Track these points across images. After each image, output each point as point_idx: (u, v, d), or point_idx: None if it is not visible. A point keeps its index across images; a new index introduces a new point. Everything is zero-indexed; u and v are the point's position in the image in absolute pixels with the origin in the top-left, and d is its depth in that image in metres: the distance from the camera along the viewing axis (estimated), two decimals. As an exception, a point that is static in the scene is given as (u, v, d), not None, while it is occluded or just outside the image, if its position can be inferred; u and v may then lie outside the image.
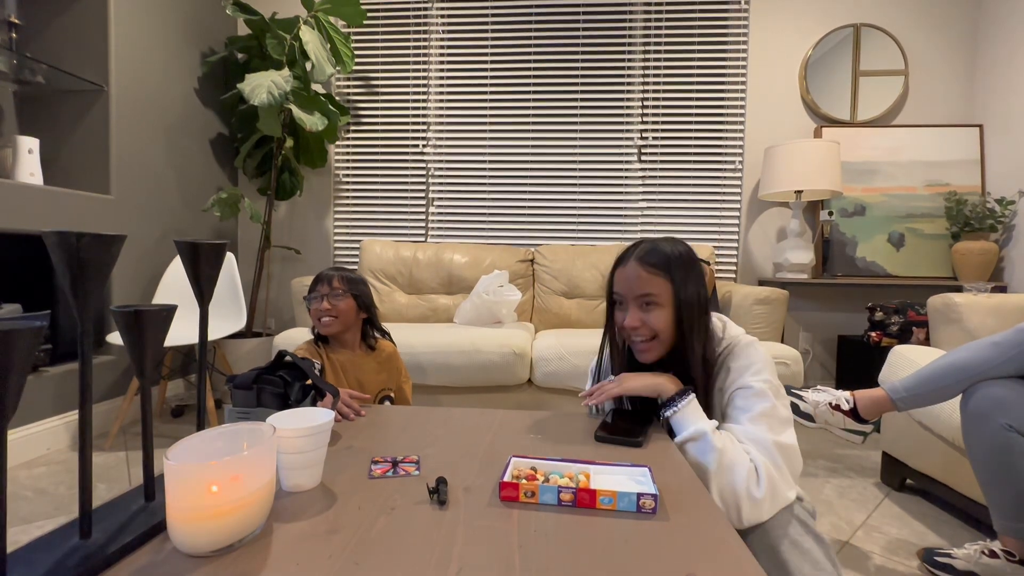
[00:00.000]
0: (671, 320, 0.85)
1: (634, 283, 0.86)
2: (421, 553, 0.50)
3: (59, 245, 0.48)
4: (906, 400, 1.18)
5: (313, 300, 1.29)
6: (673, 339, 0.87)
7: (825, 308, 2.67)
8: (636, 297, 0.86)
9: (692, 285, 0.85)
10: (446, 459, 0.75)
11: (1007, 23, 2.42)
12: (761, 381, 0.80)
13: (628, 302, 0.88)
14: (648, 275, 0.85)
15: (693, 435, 0.77)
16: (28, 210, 1.72)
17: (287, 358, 0.90)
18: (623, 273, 0.89)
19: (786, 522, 0.68)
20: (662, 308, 0.85)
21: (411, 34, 2.82)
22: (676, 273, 0.85)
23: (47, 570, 0.45)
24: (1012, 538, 1.07)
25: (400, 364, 1.42)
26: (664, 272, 0.85)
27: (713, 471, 0.73)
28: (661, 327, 0.85)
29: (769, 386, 0.80)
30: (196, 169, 2.58)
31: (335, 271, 1.31)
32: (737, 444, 0.76)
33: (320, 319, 1.27)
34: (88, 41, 2.03)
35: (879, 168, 2.59)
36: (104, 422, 1.99)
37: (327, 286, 1.28)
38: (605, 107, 2.74)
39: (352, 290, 1.30)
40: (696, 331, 0.85)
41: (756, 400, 0.79)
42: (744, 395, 0.80)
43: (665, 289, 0.85)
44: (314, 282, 1.31)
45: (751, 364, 0.83)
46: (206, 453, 0.54)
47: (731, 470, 0.72)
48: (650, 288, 0.85)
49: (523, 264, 2.54)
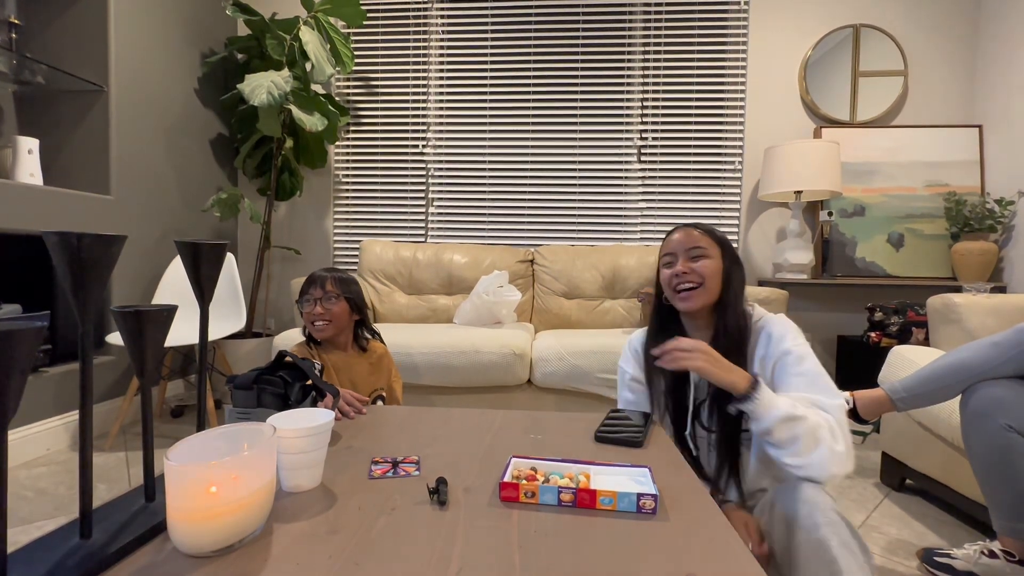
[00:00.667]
0: (718, 273, 0.95)
1: (687, 240, 0.97)
2: (421, 553, 0.50)
3: (60, 245, 0.48)
4: (906, 400, 1.18)
5: (306, 303, 1.27)
6: (717, 291, 0.95)
7: (825, 308, 2.67)
8: (687, 250, 0.96)
9: (737, 258, 0.98)
10: (446, 459, 0.75)
11: (1007, 23, 2.42)
12: (802, 345, 0.89)
13: (679, 256, 0.97)
14: (699, 234, 0.97)
15: (782, 418, 0.78)
16: (28, 210, 1.72)
17: (287, 358, 0.90)
18: (674, 237, 0.99)
19: (837, 521, 0.69)
20: (711, 260, 0.95)
21: (411, 34, 2.82)
22: (723, 241, 0.99)
23: (47, 570, 0.45)
24: (1012, 538, 1.07)
25: (391, 364, 1.41)
26: (713, 236, 0.98)
27: (803, 439, 0.76)
28: (709, 274, 0.94)
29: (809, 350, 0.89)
30: (196, 169, 2.58)
31: (327, 273, 1.29)
32: (812, 408, 0.80)
33: (314, 323, 1.25)
34: (88, 41, 2.03)
35: (879, 168, 2.59)
36: (104, 422, 1.99)
37: (320, 289, 1.25)
38: (605, 107, 2.74)
39: (345, 292, 1.28)
40: (737, 294, 0.95)
41: (804, 364, 0.87)
42: (791, 361, 0.88)
43: (712, 245, 0.96)
44: (306, 284, 1.28)
45: (788, 330, 0.91)
46: (206, 453, 0.54)
47: (816, 433, 0.76)
48: (701, 242, 0.96)
49: (523, 264, 2.54)
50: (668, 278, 0.97)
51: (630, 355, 1.08)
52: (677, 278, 0.95)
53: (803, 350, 0.88)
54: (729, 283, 0.95)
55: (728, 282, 0.95)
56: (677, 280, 0.95)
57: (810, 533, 0.68)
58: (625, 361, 1.09)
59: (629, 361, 1.08)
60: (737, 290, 0.95)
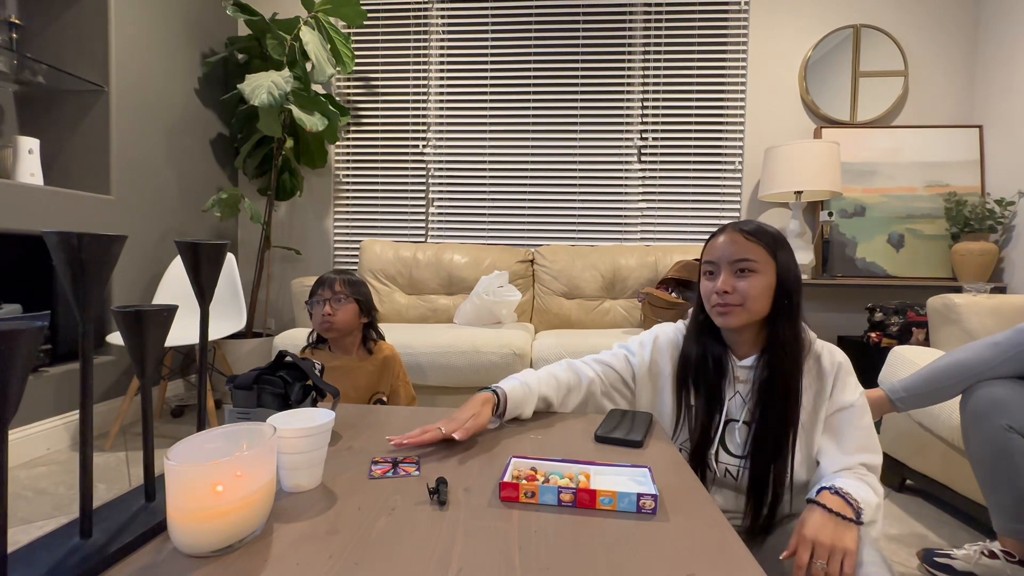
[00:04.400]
0: (768, 290, 0.82)
1: (730, 248, 0.83)
2: (421, 553, 0.50)
3: (60, 245, 0.48)
4: (905, 401, 1.18)
5: (315, 304, 1.28)
6: (763, 311, 0.83)
7: (825, 309, 2.67)
8: (731, 263, 0.82)
9: (791, 261, 0.84)
10: (446, 459, 0.75)
11: (1007, 23, 2.42)
12: (862, 394, 0.85)
13: (721, 268, 0.84)
14: (747, 240, 0.82)
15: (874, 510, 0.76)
16: (28, 210, 1.72)
17: (287, 358, 0.90)
18: (717, 242, 0.85)
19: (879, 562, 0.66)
20: (759, 276, 0.81)
21: (411, 34, 2.82)
22: (776, 245, 0.83)
23: (47, 570, 0.45)
24: (1012, 539, 1.07)
25: (399, 367, 1.40)
26: (762, 241, 0.82)
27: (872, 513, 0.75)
28: (754, 295, 0.81)
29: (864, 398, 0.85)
30: (196, 169, 2.58)
31: (337, 275, 1.30)
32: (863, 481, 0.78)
33: (323, 324, 1.26)
34: (88, 41, 2.03)
35: (879, 169, 2.59)
36: (104, 422, 1.99)
37: (329, 290, 1.27)
38: (605, 108, 2.74)
39: (355, 294, 1.29)
40: (796, 309, 0.83)
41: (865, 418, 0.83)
42: (856, 414, 0.83)
43: (764, 257, 0.82)
44: (316, 285, 1.30)
45: (850, 374, 0.85)
46: (206, 453, 0.54)
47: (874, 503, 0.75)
48: (748, 254, 0.81)
49: (523, 265, 2.54)
50: (707, 292, 0.85)
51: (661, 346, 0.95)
52: (717, 296, 0.83)
53: (863, 401, 0.84)
54: (783, 298, 0.82)
55: (780, 299, 0.82)
56: (717, 298, 0.83)
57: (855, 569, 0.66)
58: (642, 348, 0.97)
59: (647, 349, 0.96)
60: (794, 307, 0.83)
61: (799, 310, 0.84)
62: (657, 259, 2.45)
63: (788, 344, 0.82)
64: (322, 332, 1.30)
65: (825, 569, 0.67)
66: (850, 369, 0.86)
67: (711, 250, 0.86)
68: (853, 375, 0.85)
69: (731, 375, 0.88)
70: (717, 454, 0.87)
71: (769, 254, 0.82)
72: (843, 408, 0.83)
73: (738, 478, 0.86)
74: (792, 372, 0.82)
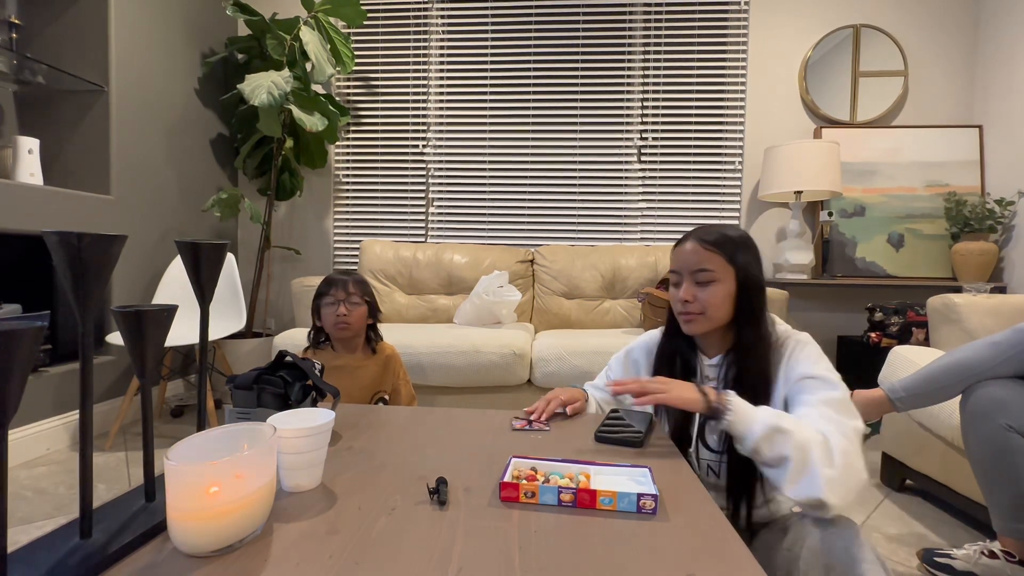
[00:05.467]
0: (728, 297, 0.85)
1: (691, 258, 0.86)
2: (421, 553, 0.50)
3: (60, 245, 0.48)
4: (905, 401, 1.18)
5: (327, 305, 1.29)
6: (726, 316, 0.86)
7: (825, 309, 2.67)
8: (692, 272, 0.86)
9: (751, 266, 0.86)
10: (446, 459, 0.75)
11: (1006, 23, 2.42)
12: (827, 371, 0.80)
13: (684, 277, 0.88)
14: (706, 251, 0.85)
15: (765, 431, 0.71)
16: (28, 210, 1.72)
17: (287, 358, 0.90)
18: (680, 250, 0.89)
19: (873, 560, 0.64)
20: (719, 284, 0.85)
21: (411, 34, 2.82)
22: (735, 252, 0.85)
23: (47, 570, 0.45)
24: (1011, 539, 1.07)
25: (399, 366, 1.42)
26: (722, 249, 0.85)
27: (793, 459, 0.68)
28: (715, 303, 0.84)
29: (836, 376, 0.80)
30: (196, 169, 2.58)
31: (347, 275, 1.32)
32: (803, 421, 0.73)
33: (338, 325, 1.28)
34: (88, 41, 2.03)
35: (879, 169, 2.59)
36: (104, 422, 1.99)
37: (343, 291, 1.28)
38: (605, 108, 2.74)
39: (366, 295, 1.32)
40: (758, 311, 0.85)
41: (826, 387, 0.78)
42: (812, 384, 0.79)
43: (722, 266, 0.85)
44: (326, 286, 1.31)
45: (811, 355, 0.82)
46: (206, 453, 0.54)
47: (805, 450, 0.68)
48: (707, 264, 0.85)
49: (523, 265, 2.54)
50: (674, 299, 0.90)
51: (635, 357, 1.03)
52: (680, 304, 0.87)
53: (830, 375, 0.79)
54: (743, 304, 0.85)
55: (742, 304, 0.85)
56: (680, 306, 0.88)
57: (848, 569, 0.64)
58: (617, 362, 1.07)
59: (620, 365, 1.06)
60: (756, 309, 0.85)
61: (761, 311, 0.86)
62: (657, 259, 2.45)
63: (751, 345, 0.85)
64: (336, 333, 1.31)
65: None
66: (807, 345, 0.84)
67: (675, 259, 0.90)
68: (811, 351, 0.83)
69: (701, 374, 0.93)
70: (698, 451, 0.90)
71: (728, 261, 0.85)
72: (801, 379, 0.80)
73: (720, 474, 0.88)
74: (758, 369, 0.84)
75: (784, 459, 0.69)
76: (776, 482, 0.71)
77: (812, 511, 0.69)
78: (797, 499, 0.69)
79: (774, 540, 0.78)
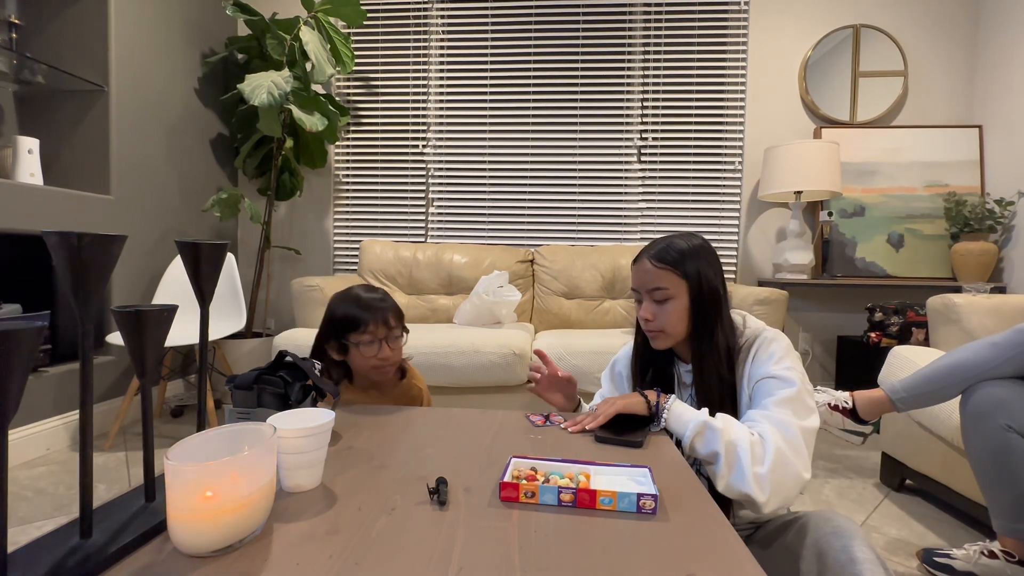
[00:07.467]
0: (684, 312, 0.86)
1: (645, 277, 0.88)
2: (421, 553, 0.50)
3: (60, 245, 0.48)
4: (905, 401, 1.18)
5: (367, 345, 1.01)
6: (686, 330, 0.88)
7: (825, 309, 2.67)
8: (648, 291, 0.88)
9: (705, 278, 0.86)
10: (446, 459, 0.75)
11: (1007, 24, 2.42)
12: (785, 369, 0.80)
13: (642, 294, 0.90)
14: (657, 270, 0.87)
15: (697, 429, 0.76)
16: (28, 210, 1.72)
17: (287, 358, 0.90)
18: (637, 268, 0.91)
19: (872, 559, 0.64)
20: (674, 301, 0.86)
21: (411, 34, 2.82)
22: (688, 267, 0.86)
23: (47, 570, 0.45)
24: (1011, 539, 1.07)
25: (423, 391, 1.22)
26: (674, 267, 0.86)
27: (723, 456, 0.72)
28: (672, 320, 0.86)
29: (795, 374, 0.80)
30: (196, 169, 2.58)
31: (382, 302, 1.04)
32: (735, 421, 0.77)
33: (379, 368, 1.03)
34: (88, 41, 2.03)
35: (879, 169, 2.59)
36: (104, 422, 1.99)
37: (385, 327, 1.01)
38: (605, 108, 2.74)
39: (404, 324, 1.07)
40: (712, 321, 0.86)
41: (782, 386, 0.79)
42: (769, 384, 0.80)
43: (674, 281, 0.86)
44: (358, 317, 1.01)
45: (775, 354, 0.83)
46: (206, 453, 0.54)
47: (734, 448, 0.73)
48: (660, 283, 0.86)
49: (523, 265, 2.54)
50: (638, 314, 0.91)
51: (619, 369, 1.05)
52: (643, 321, 0.90)
53: (788, 374, 0.79)
54: (696, 317, 0.86)
55: (695, 317, 0.86)
56: (643, 323, 0.90)
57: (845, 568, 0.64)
58: (605, 379, 1.08)
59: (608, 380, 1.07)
60: (709, 320, 0.86)
61: (716, 321, 0.86)
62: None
63: (704, 355, 0.86)
64: (373, 375, 1.05)
65: None
66: (771, 342, 0.84)
67: (633, 277, 0.92)
68: (774, 348, 0.83)
69: (679, 380, 0.95)
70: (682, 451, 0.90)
71: (681, 276, 0.86)
72: (760, 379, 0.81)
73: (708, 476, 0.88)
74: (717, 376, 0.85)
75: (716, 455, 0.74)
76: (713, 479, 0.75)
77: (750, 508, 0.73)
78: (729, 495, 0.73)
79: (774, 540, 0.78)
